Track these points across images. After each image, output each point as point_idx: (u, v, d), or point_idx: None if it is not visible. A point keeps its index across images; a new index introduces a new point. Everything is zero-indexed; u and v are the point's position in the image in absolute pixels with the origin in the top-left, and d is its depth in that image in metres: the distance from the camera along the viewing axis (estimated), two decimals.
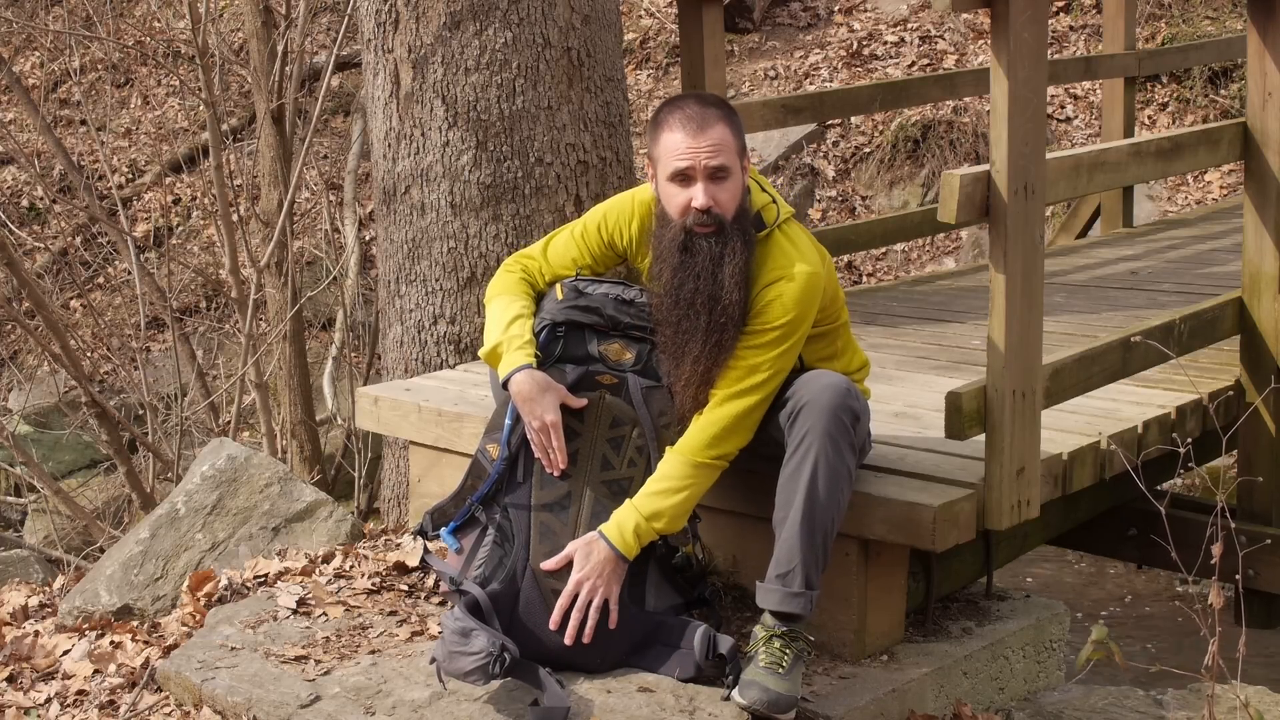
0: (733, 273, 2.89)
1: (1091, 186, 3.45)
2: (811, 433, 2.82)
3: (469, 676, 2.71)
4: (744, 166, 2.97)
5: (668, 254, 2.95)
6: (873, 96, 5.94)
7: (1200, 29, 9.69)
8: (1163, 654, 5.10)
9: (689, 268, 2.91)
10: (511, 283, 3.15)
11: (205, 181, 9.33)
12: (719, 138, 2.90)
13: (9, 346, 10.28)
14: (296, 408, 6.71)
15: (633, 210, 3.15)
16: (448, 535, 3.06)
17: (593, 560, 2.89)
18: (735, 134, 2.94)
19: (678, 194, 2.93)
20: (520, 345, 3.00)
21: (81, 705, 3.10)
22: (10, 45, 12.25)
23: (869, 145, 9.75)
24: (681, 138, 2.90)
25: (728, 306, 2.90)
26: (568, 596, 2.88)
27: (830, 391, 2.85)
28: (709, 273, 2.90)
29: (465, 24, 4.38)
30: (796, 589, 2.81)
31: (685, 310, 2.92)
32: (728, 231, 2.91)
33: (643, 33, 11.13)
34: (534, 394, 2.96)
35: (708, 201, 2.89)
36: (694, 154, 2.88)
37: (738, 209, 2.93)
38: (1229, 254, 5.80)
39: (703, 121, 2.90)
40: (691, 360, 2.92)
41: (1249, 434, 3.94)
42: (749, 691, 2.72)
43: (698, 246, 2.91)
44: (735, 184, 2.93)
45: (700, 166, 2.89)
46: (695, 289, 2.90)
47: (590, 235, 3.18)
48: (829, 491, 2.82)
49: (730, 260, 2.89)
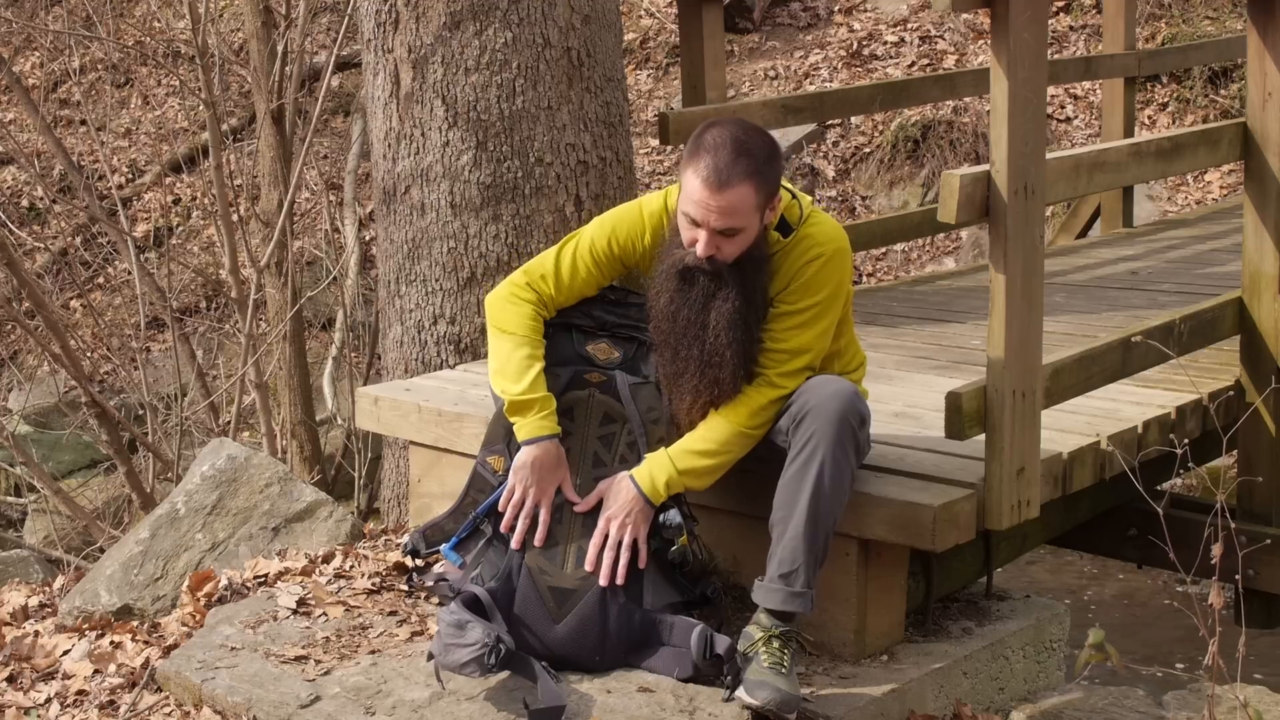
0: (718, 317, 2.94)
1: (1091, 186, 3.45)
2: (818, 435, 2.84)
3: (465, 668, 2.71)
4: (764, 218, 2.96)
5: (668, 276, 3.00)
6: (873, 96, 5.94)
7: (1200, 29, 9.69)
8: (1163, 654, 5.09)
9: (684, 295, 2.97)
10: (526, 323, 3.12)
11: (205, 181, 9.32)
12: (736, 200, 2.87)
13: (9, 346, 10.28)
14: (296, 408, 6.71)
15: (644, 224, 3.15)
16: (449, 551, 3.07)
17: (620, 499, 2.97)
18: (758, 189, 2.89)
19: (688, 228, 2.95)
20: (549, 413, 3.04)
21: (81, 705, 3.10)
22: (10, 45, 12.24)
23: (869, 145, 9.76)
24: (699, 187, 2.88)
25: (718, 347, 2.94)
26: (600, 535, 2.96)
27: (838, 398, 2.88)
28: (700, 306, 2.96)
29: (465, 24, 4.38)
30: (799, 589, 2.82)
31: (681, 336, 2.98)
32: (724, 277, 2.95)
33: (643, 33, 11.13)
34: (547, 467, 3.02)
35: (709, 252, 2.93)
36: (706, 212, 2.89)
37: (746, 253, 2.96)
38: (1229, 254, 5.79)
39: (725, 180, 2.85)
40: (691, 392, 2.99)
41: (1249, 434, 3.93)
42: (760, 692, 2.72)
43: (694, 278, 2.96)
44: (746, 238, 2.94)
45: (709, 224, 2.90)
46: (689, 318, 2.96)
47: (600, 253, 3.16)
48: (834, 494, 2.84)
49: (720, 304, 2.94)
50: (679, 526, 2.98)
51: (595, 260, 3.16)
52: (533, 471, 3.01)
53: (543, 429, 3.02)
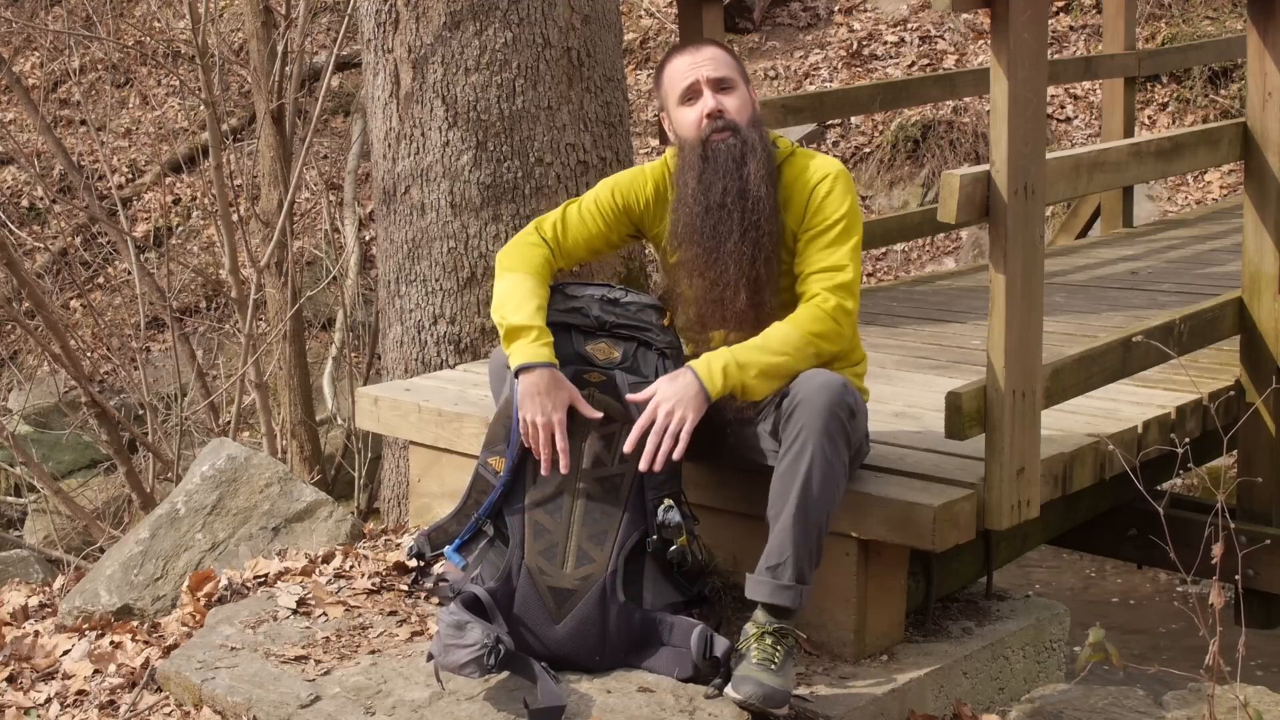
0: (756, 168, 2.98)
1: (1091, 186, 3.45)
2: (807, 428, 2.82)
3: (464, 669, 2.71)
4: (750, 91, 3.09)
5: (690, 167, 3.03)
6: (873, 96, 5.95)
7: (1200, 29, 9.69)
8: (1163, 654, 5.10)
9: (714, 170, 2.99)
10: (535, 264, 3.12)
11: (205, 181, 9.33)
12: (715, 54, 3.07)
13: (9, 346, 10.29)
14: (296, 408, 6.71)
15: (645, 175, 3.21)
16: (453, 553, 3.06)
17: (677, 384, 2.88)
18: (732, 58, 3.10)
19: (689, 114, 3.05)
20: (546, 342, 2.98)
21: (81, 705, 3.10)
22: (10, 45, 12.25)
23: (869, 145, 9.76)
24: (681, 60, 3.07)
25: (757, 201, 2.97)
26: (648, 417, 2.87)
27: (826, 390, 2.84)
28: (734, 171, 2.98)
29: (465, 24, 4.38)
30: (787, 581, 2.81)
31: (719, 213, 2.98)
32: (744, 133, 3.01)
33: (643, 33, 11.13)
34: (548, 389, 2.94)
35: (717, 105, 3.01)
36: (695, 69, 3.04)
37: (751, 118, 3.05)
38: (1229, 254, 5.80)
39: (699, 45, 3.10)
40: (734, 261, 2.96)
41: (1249, 434, 3.93)
42: (743, 686, 2.72)
43: (717, 150, 3.00)
44: (742, 96, 3.06)
45: (704, 79, 3.03)
46: (724, 188, 2.98)
47: (604, 204, 3.20)
48: (823, 487, 2.81)
49: (753, 157, 2.99)
50: (679, 526, 2.97)
51: (600, 210, 3.20)
52: (534, 399, 2.93)
53: (539, 355, 2.95)
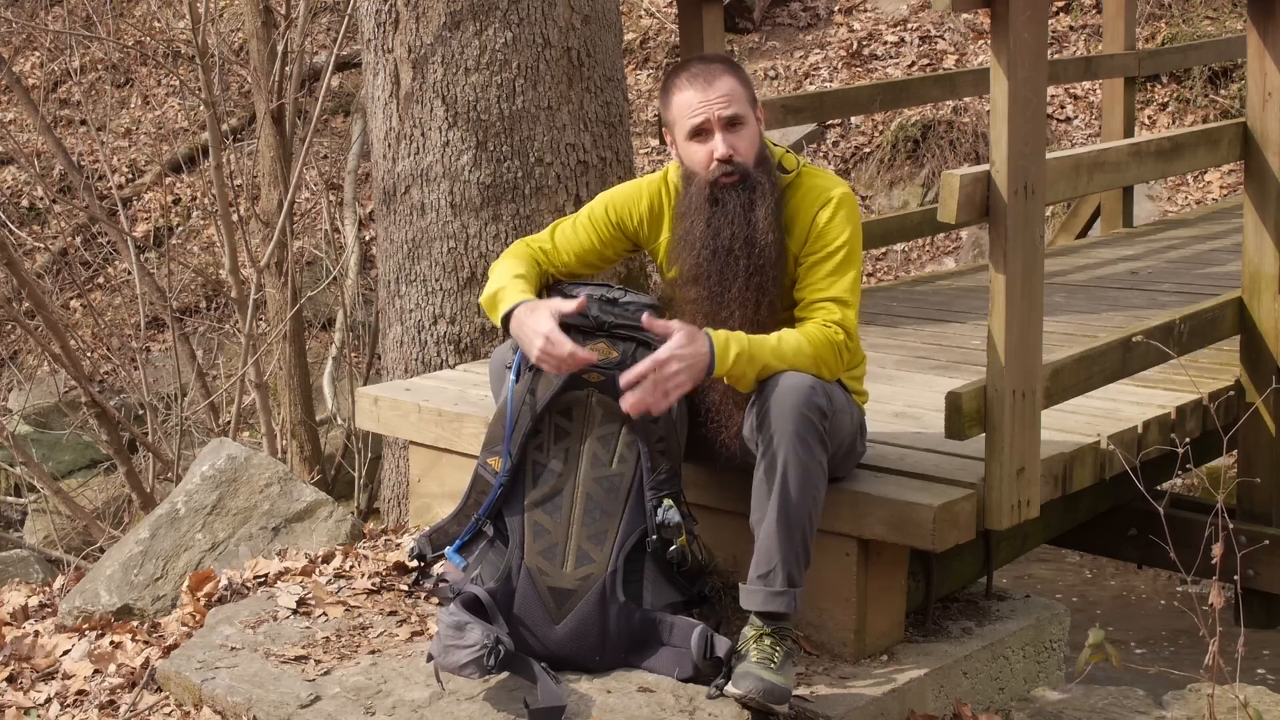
0: (764, 215, 2.97)
1: (1091, 186, 3.45)
2: (779, 433, 2.81)
3: (464, 670, 2.70)
4: (758, 116, 3.05)
5: (697, 209, 3.01)
6: (873, 96, 5.95)
7: (1200, 29, 9.69)
8: (1163, 654, 5.10)
9: (722, 216, 2.98)
10: (524, 261, 3.17)
11: (205, 181, 9.33)
12: (728, 88, 2.98)
13: (9, 346, 10.28)
14: (296, 408, 6.71)
15: (640, 190, 3.20)
16: (454, 554, 3.06)
17: (691, 346, 2.80)
18: (744, 85, 3.02)
19: (698, 150, 3.00)
20: (521, 288, 3.01)
21: (81, 705, 3.09)
22: (10, 45, 12.24)
23: (869, 145, 9.76)
24: (692, 94, 2.98)
25: (764, 248, 2.96)
26: (651, 363, 2.78)
27: (793, 392, 2.82)
28: (742, 218, 2.97)
29: (465, 24, 4.38)
30: (779, 588, 2.81)
31: (725, 258, 2.97)
32: (752, 178, 2.98)
33: (643, 33, 11.13)
34: (528, 315, 2.93)
35: (727, 151, 2.96)
36: (706, 107, 2.97)
37: (758, 156, 3.01)
38: (1229, 254, 5.80)
39: (710, 75, 2.99)
40: (739, 305, 2.96)
41: (1249, 434, 3.94)
42: (743, 682, 2.72)
43: (726, 198, 2.98)
44: (751, 131, 3.01)
45: (715, 118, 2.97)
46: (732, 234, 2.96)
47: (597, 219, 3.20)
48: (801, 489, 2.80)
49: (761, 204, 2.97)
50: (678, 526, 2.97)
51: (593, 223, 3.20)
52: (522, 332, 2.92)
53: (514, 300, 2.98)
